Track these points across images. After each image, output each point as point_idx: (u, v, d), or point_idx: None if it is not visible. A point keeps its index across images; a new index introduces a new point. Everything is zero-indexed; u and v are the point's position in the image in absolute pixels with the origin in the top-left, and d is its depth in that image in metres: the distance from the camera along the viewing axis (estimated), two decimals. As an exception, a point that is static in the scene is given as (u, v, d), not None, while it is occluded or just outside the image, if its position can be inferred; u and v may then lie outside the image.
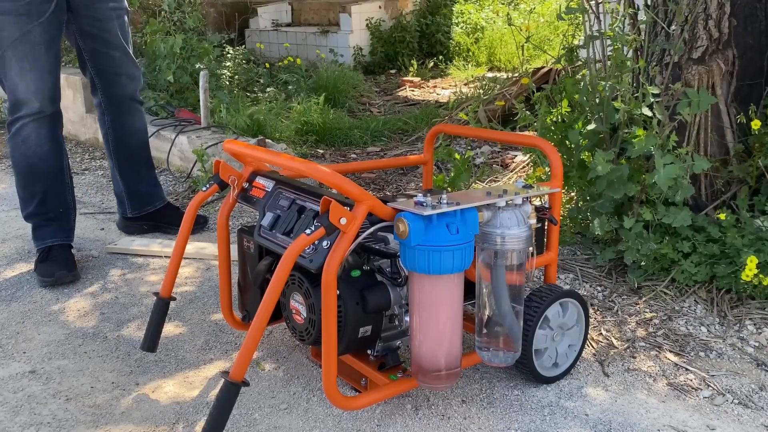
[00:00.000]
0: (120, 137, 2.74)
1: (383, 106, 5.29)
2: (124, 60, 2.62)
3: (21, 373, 1.90)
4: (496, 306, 1.58)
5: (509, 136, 2.18)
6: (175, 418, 1.72)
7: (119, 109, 2.70)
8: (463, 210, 1.50)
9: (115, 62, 2.61)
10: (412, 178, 3.63)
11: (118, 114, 2.71)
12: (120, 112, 2.71)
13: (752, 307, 2.16)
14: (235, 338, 2.09)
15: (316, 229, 1.45)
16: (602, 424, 1.67)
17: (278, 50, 7.10)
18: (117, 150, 2.76)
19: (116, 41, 2.58)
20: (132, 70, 2.67)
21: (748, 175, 2.39)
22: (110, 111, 2.70)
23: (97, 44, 2.57)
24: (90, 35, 2.55)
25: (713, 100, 2.26)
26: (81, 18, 2.50)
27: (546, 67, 4.35)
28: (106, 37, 2.56)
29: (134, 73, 2.68)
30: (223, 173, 1.87)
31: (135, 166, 2.81)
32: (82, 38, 2.56)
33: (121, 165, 2.79)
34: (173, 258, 1.84)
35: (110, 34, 2.56)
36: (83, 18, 2.50)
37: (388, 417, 1.70)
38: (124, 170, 2.80)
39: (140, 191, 2.82)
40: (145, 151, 2.83)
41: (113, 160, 2.80)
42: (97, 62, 2.61)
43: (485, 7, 7.23)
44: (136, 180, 2.82)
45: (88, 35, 2.55)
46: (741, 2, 2.38)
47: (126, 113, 2.72)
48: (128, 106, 2.71)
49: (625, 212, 2.39)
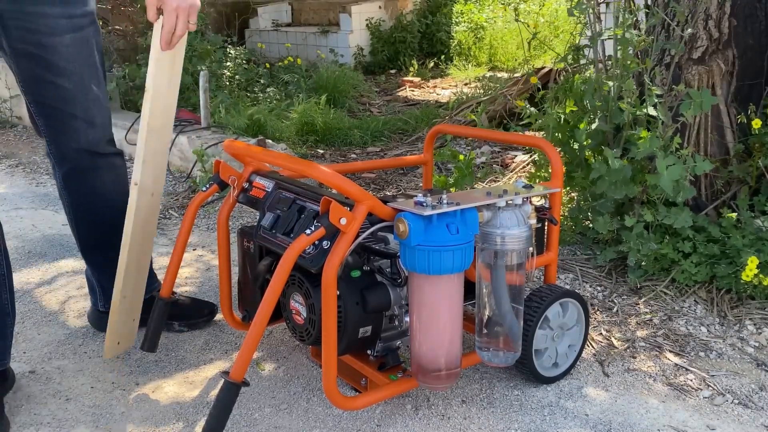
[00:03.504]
0: (79, 205, 1.92)
1: (383, 106, 5.29)
2: (79, 95, 1.76)
3: (21, 374, 1.90)
4: (496, 306, 1.58)
5: (510, 136, 2.18)
6: (175, 418, 1.72)
7: (74, 168, 1.86)
8: (463, 210, 1.50)
9: (64, 96, 1.75)
10: (412, 178, 3.63)
11: (73, 174, 1.88)
12: (75, 172, 1.87)
13: (752, 307, 2.16)
14: (235, 338, 2.09)
15: (316, 230, 1.45)
16: (602, 424, 1.67)
17: (278, 50, 7.11)
18: (76, 221, 1.95)
19: (65, 65, 1.72)
20: (92, 111, 1.79)
21: (748, 175, 2.39)
22: (61, 168, 1.88)
23: (36, 69, 1.72)
24: (25, 55, 1.71)
25: (715, 100, 2.26)
26: (11, 30, 1.69)
27: (547, 68, 4.35)
28: (48, 58, 1.71)
29: (94, 117, 1.80)
30: (223, 173, 1.87)
31: (103, 246, 1.95)
32: (15, 60, 1.73)
33: (83, 241, 1.98)
34: (173, 258, 1.84)
35: (56, 54, 1.71)
36: (14, 30, 1.69)
37: (388, 417, 1.70)
38: (90, 251, 1.99)
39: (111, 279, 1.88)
40: (117, 223, 1.85)
41: (72, 231, 1.99)
42: (39, 95, 1.76)
43: (485, 8, 7.23)
44: (105, 266, 1.95)
45: (22, 55, 1.72)
46: (741, 2, 2.38)
47: (85, 174, 1.87)
48: (89, 163, 1.85)
49: (626, 212, 2.39)
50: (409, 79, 6.22)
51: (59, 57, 1.72)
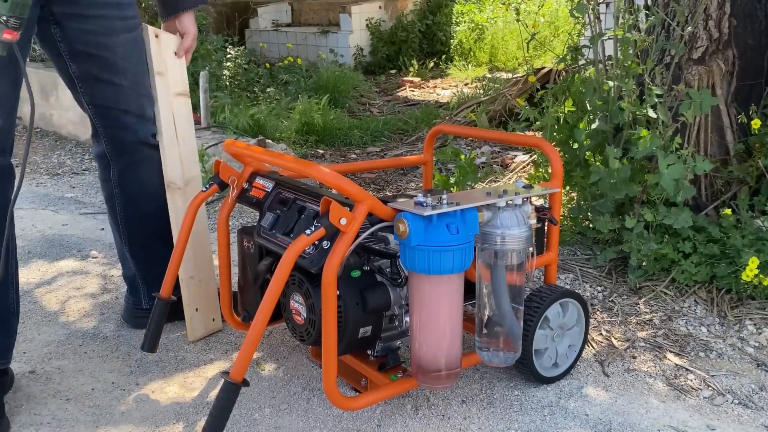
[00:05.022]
0: (132, 200, 2.02)
1: (383, 106, 5.29)
2: (133, 91, 1.90)
3: (21, 374, 1.90)
4: (496, 306, 1.58)
5: (510, 136, 2.18)
6: (175, 418, 1.72)
7: (131, 160, 1.98)
8: (463, 210, 1.49)
9: (121, 94, 1.89)
10: (412, 178, 3.63)
11: (129, 167, 1.99)
12: (131, 164, 1.98)
13: (752, 307, 2.16)
14: (235, 338, 2.09)
15: (316, 230, 1.45)
16: (602, 424, 1.67)
17: (278, 50, 7.11)
18: (128, 219, 2.04)
19: (122, 64, 1.86)
20: (144, 107, 1.94)
21: (748, 175, 2.39)
22: (118, 163, 1.98)
23: (94, 69, 1.84)
24: (84, 56, 1.82)
25: (715, 101, 2.26)
26: (70, 32, 1.78)
27: (546, 68, 4.35)
28: (107, 57, 1.83)
29: (146, 111, 1.95)
30: (223, 173, 1.87)
31: (152, 239, 2.07)
32: (74, 61, 1.83)
33: (134, 239, 2.06)
34: (173, 258, 1.84)
35: (114, 53, 1.84)
36: (74, 32, 1.78)
37: (388, 417, 1.70)
38: (138, 247, 2.07)
39: (160, 275, 1.93)
40: (165, 217, 2.02)
41: (122, 232, 2.06)
42: (95, 95, 1.88)
43: (486, 8, 7.23)
44: (153, 259, 2.06)
45: (81, 56, 1.82)
46: (741, 2, 2.38)
47: (140, 165, 1.99)
48: (142, 155, 1.98)
49: (626, 212, 2.39)
50: (409, 79, 6.22)
51: (117, 56, 1.84)
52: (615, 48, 2.40)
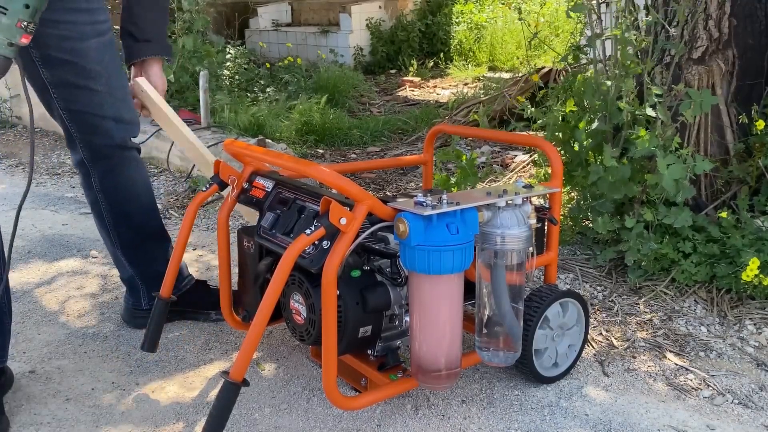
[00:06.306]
0: (117, 204, 2.01)
1: (383, 106, 5.29)
2: (108, 96, 1.87)
3: (21, 374, 1.90)
4: (496, 306, 1.58)
5: (510, 136, 2.18)
6: (175, 418, 1.72)
7: (110, 165, 1.96)
8: (463, 210, 1.49)
9: (95, 99, 1.86)
10: (412, 178, 3.63)
11: (110, 171, 1.97)
12: (111, 168, 1.97)
13: (752, 307, 2.16)
14: (235, 338, 2.09)
15: (316, 229, 1.45)
16: (602, 424, 1.67)
17: (278, 50, 7.11)
18: (116, 222, 2.03)
19: (96, 68, 1.84)
20: (121, 110, 1.91)
21: (748, 175, 2.39)
22: (97, 169, 1.96)
23: (69, 75, 1.82)
24: (57, 62, 1.80)
25: (715, 101, 2.26)
26: (42, 38, 1.73)
27: (547, 67, 4.35)
28: (80, 63, 1.81)
29: (123, 115, 1.92)
30: (223, 173, 1.87)
31: (142, 239, 2.07)
32: (46, 67, 1.80)
33: (124, 241, 2.06)
34: (173, 258, 1.84)
35: (86, 58, 1.82)
36: (46, 38, 1.74)
37: (388, 417, 1.70)
38: (130, 248, 2.07)
39: (158, 272, 1.96)
40: (154, 215, 2.07)
41: (112, 236, 2.05)
42: (71, 100, 1.85)
43: (485, 8, 7.23)
44: (148, 258, 2.09)
45: (54, 62, 1.80)
46: (741, 2, 2.38)
47: (119, 168, 1.98)
48: (121, 158, 1.97)
49: (625, 212, 2.39)
50: (409, 79, 6.22)
51: (90, 61, 1.83)
52: (614, 48, 2.39)
